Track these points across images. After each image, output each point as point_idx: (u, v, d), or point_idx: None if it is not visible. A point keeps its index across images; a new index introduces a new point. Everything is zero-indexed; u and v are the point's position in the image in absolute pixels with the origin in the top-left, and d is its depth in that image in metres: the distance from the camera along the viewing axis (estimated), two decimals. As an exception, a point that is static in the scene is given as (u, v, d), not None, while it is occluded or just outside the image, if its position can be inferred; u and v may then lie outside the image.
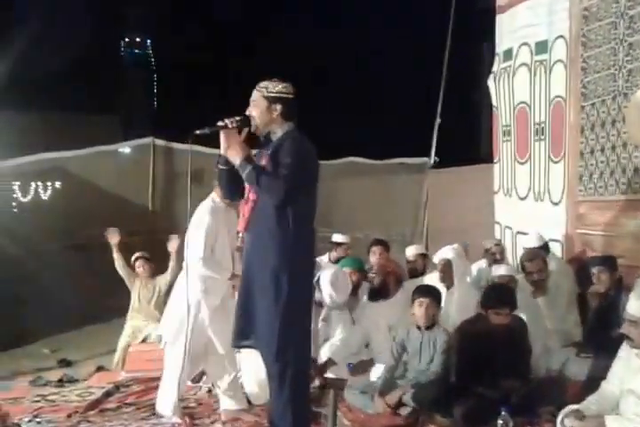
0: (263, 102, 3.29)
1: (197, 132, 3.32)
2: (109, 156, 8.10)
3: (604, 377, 3.35)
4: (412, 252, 5.87)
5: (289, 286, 3.21)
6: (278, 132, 3.34)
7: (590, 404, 3.25)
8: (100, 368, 5.36)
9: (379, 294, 4.67)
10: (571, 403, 3.39)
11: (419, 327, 4.13)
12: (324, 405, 4.09)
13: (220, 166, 3.39)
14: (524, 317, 4.31)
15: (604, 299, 4.56)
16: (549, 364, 4.47)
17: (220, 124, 3.30)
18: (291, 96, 3.33)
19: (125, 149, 8.74)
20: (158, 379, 4.28)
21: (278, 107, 3.29)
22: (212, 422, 4.04)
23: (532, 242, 5.46)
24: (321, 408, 3.97)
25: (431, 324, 4.21)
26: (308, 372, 3.50)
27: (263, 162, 3.30)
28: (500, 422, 3.40)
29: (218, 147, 3.36)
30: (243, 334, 3.38)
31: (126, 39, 78.97)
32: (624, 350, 3.26)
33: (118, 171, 8.03)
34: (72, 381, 5.04)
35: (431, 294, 4.19)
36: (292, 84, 3.35)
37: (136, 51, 79.85)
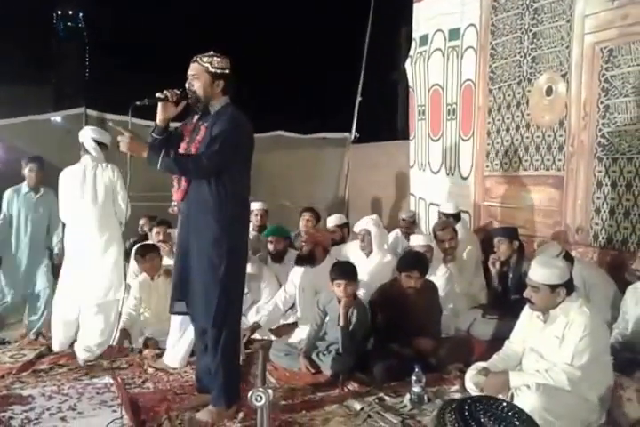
0: (206, 77, 3.13)
1: (137, 103, 3.13)
2: (42, 125, 7.65)
3: (507, 337, 3.43)
4: (334, 221, 5.85)
5: (226, 255, 3.12)
6: (216, 105, 3.20)
7: (496, 361, 3.32)
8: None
9: (306, 261, 4.61)
10: (477, 361, 3.48)
11: (339, 300, 4.06)
12: (251, 365, 4.07)
13: (155, 135, 3.23)
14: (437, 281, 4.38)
15: (506, 266, 4.67)
16: (458, 324, 4.57)
17: (160, 95, 3.13)
18: (230, 71, 3.19)
19: (58, 118, 8.27)
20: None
21: (221, 82, 3.15)
22: (143, 382, 3.93)
23: (450, 209, 5.56)
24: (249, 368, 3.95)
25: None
26: (239, 335, 3.46)
27: (201, 133, 3.17)
28: (413, 378, 3.44)
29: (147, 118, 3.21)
30: (179, 301, 3.30)
31: (59, 12, 75.05)
32: (526, 313, 3.33)
33: (51, 140, 7.59)
34: (3, 343, 4.80)
35: (347, 274, 3.99)
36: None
37: (69, 23, 76.03)
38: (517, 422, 1.19)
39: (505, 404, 1.25)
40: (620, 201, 4.52)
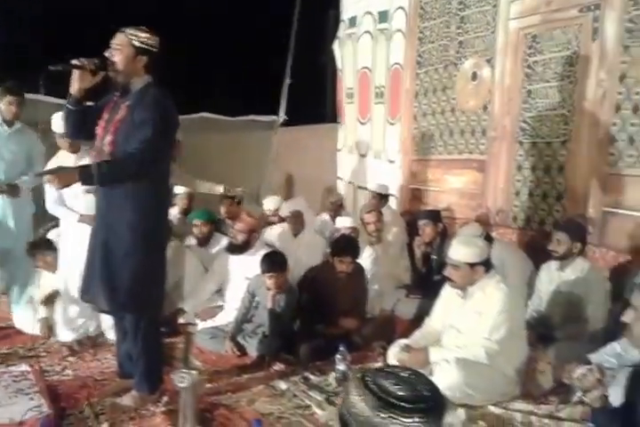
0: (130, 50, 3.00)
1: (51, 67, 2.97)
2: None
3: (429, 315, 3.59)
4: (269, 204, 5.90)
5: (141, 238, 3.08)
6: (138, 83, 3.08)
7: (417, 338, 3.48)
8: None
9: (240, 249, 4.62)
10: (401, 338, 3.62)
11: (269, 288, 4.11)
12: (175, 348, 4.08)
13: (69, 106, 3.14)
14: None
15: (430, 247, 4.84)
16: (383, 304, 4.72)
17: (76, 62, 2.98)
18: (156, 49, 3.12)
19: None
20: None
21: (144, 58, 3.03)
22: (63, 369, 3.88)
23: (382, 188, 5.70)
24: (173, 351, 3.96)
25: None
26: (160, 319, 3.42)
27: (121, 113, 3.08)
28: (338, 356, 3.55)
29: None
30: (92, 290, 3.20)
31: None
32: (446, 290, 3.49)
33: None
34: None
35: (278, 266, 4.03)
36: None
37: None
38: (419, 385, 1.27)
39: (408, 370, 1.34)
40: (539, 184, 4.77)
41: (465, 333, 3.26)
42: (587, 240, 3.91)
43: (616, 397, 2.16)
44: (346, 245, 4.27)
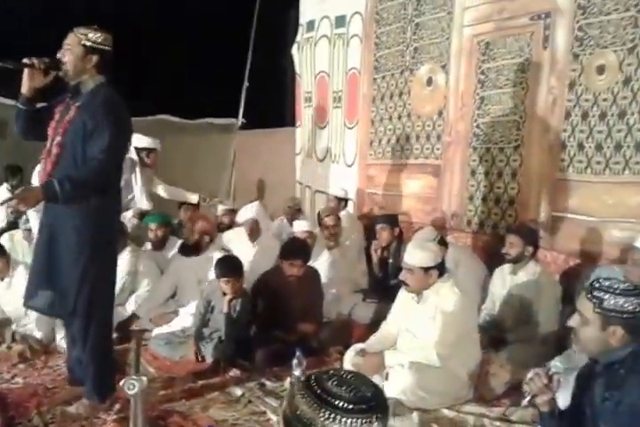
0: (79, 50, 2.97)
1: None
2: None
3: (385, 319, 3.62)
4: (221, 209, 5.89)
5: (89, 242, 3.03)
6: (89, 83, 3.05)
7: (373, 342, 3.51)
8: None
9: (192, 250, 4.59)
10: (357, 343, 3.65)
11: (224, 292, 4.11)
12: (128, 354, 4.03)
13: (20, 106, 3.09)
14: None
15: (386, 251, 4.89)
16: (340, 308, 4.74)
17: (26, 61, 2.95)
18: (108, 48, 3.08)
19: None
20: None
21: (95, 58, 2.99)
22: (12, 377, 3.81)
23: (339, 193, 5.75)
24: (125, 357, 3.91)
25: None
26: (110, 325, 3.35)
27: (71, 113, 3.04)
28: (294, 361, 3.55)
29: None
30: (40, 290, 3.13)
31: None
32: (402, 294, 3.53)
33: None
34: None
35: (233, 271, 4.01)
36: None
37: None
38: (361, 387, 1.30)
39: (351, 372, 1.37)
40: (492, 189, 4.87)
41: (420, 337, 3.31)
42: (539, 244, 4.01)
43: (564, 400, 2.22)
44: (295, 249, 4.28)
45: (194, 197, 5.84)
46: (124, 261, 4.28)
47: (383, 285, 4.79)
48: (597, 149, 4.16)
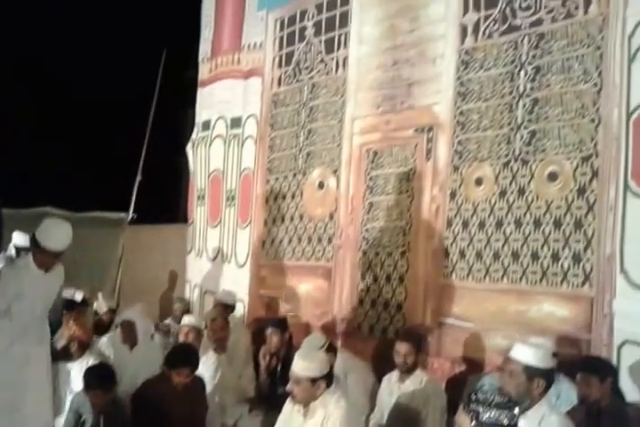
0: None
1: None
2: None
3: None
4: (101, 308, 5.66)
5: None
6: None
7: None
8: None
9: (61, 356, 4.31)
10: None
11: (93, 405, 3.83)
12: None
13: None
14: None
15: (275, 357, 4.79)
16: (224, 419, 4.53)
17: None
18: None
19: None
20: None
21: None
22: None
23: (229, 299, 5.66)
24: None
25: None
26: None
27: None
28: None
29: None
30: None
31: None
32: (287, 407, 3.43)
33: None
34: None
35: (102, 383, 3.82)
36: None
37: None
38: None
39: None
40: (381, 293, 4.95)
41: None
42: (427, 351, 4.06)
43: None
44: (183, 356, 4.11)
45: (78, 296, 5.56)
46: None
47: (271, 393, 4.65)
48: (477, 256, 4.37)
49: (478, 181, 4.45)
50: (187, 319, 4.95)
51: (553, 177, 4.09)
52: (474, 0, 4.61)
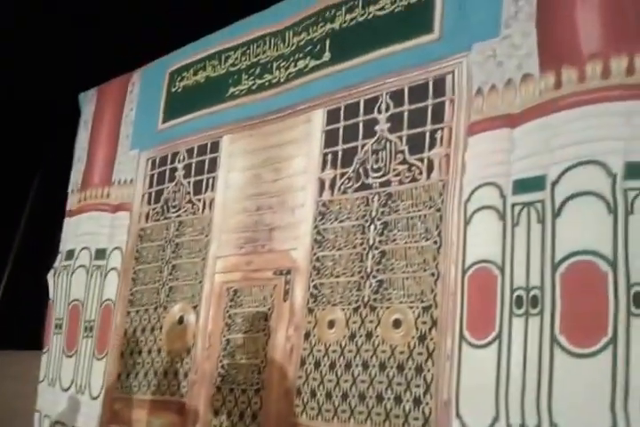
0: None
1: None
2: None
3: None
4: None
5: None
6: None
7: None
8: None
9: None
10: None
11: None
12: None
13: None
14: None
15: None
16: None
17: None
18: None
19: None
20: None
21: None
22: None
23: None
24: None
25: None
26: None
27: None
28: None
29: None
30: None
31: None
32: None
33: None
34: None
35: None
36: None
37: None
38: None
39: None
40: (233, 432, 4.98)
41: None
42: None
43: None
44: None
45: None
46: None
47: None
48: (327, 396, 4.56)
49: (331, 324, 4.72)
50: None
51: (397, 324, 4.37)
52: (332, 158, 5.06)
